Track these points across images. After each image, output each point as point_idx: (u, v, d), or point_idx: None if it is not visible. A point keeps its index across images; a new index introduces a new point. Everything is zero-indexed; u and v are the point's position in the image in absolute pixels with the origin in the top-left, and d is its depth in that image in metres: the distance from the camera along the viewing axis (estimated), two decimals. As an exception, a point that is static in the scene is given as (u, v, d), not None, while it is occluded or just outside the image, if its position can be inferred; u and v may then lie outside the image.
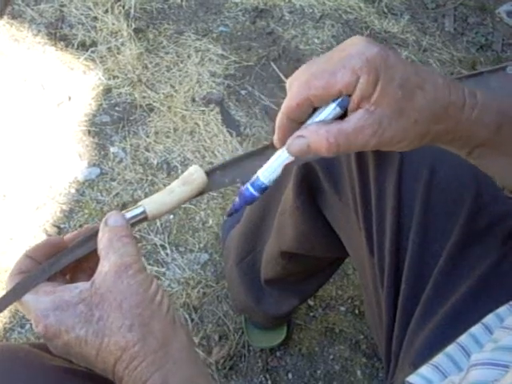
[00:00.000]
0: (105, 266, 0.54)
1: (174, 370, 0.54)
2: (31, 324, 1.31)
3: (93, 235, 0.58)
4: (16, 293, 0.55)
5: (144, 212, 0.59)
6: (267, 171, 0.57)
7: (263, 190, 0.58)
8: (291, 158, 0.56)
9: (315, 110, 0.54)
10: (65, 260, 0.58)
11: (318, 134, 0.52)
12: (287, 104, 0.53)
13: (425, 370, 0.60)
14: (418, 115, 0.52)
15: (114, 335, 0.52)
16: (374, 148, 0.53)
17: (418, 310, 0.73)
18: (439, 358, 0.61)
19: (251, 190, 0.58)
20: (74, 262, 0.59)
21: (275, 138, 0.56)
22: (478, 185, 0.75)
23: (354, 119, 0.52)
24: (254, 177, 0.58)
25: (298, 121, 0.54)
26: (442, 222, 0.75)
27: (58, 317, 0.53)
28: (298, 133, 0.54)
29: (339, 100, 0.52)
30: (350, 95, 0.52)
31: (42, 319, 0.53)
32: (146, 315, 0.54)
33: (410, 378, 0.60)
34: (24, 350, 0.61)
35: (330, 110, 0.53)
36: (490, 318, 0.64)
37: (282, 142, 0.56)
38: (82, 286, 0.54)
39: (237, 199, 0.59)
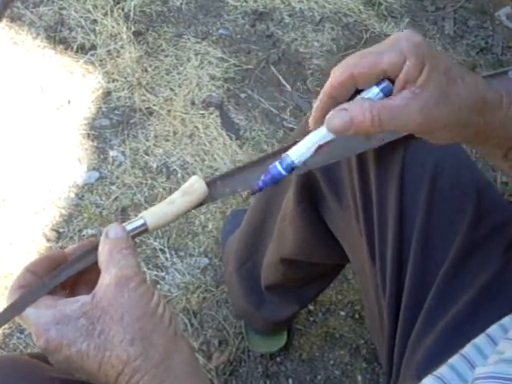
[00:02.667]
0: (105, 279, 0.54)
1: None
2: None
3: (93, 248, 0.58)
4: (17, 307, 0.55)
5: (144, 224, 0.59)
6: (299, 150, 0.55)
7: (292, 169, 0.56)
8: (327, 139, 0.54)
9: (357, 94, 0.54)
10: (65, 273, 0.58)
11: (362, 107, 0.51)
12: (331, 81, 0.53)
13: (428, 381, 0.60)
14: (461, 101, 0.52)
15: (115, 349, 0.52)
16: (417, 129, 0.53)
17: (419, 320, 0.73)
18: (443, 370, 0.61)
19: (279, 168, 0.56)
20: (74, 275, 0.58)
21: (311, 118, 0.56)
22: (479, 193, 0.75)
23: (399, 96, 0.51)
24: (283, 155, 0.56)
25: (338, 100, 0.54)
26: (444, 230, 0.75)
27: (60, 331, 0.53)
28: (339, 107, 0.53)
29: (383, 85, 0.52)
30: (393, 82, 0.52)
31: (43, 333, 0.53)
32: (148, 329, 0.53)
33: None
34: (22, 361, 0.61)
35: (373, 94, 0.53)
36: (493, 329, 0.63)
37: (319, 123, 0.55)
38: (83, 299, 0.54)
39: (262, 177, 0.57)
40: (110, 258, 0.55)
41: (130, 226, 0.58)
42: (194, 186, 0.61)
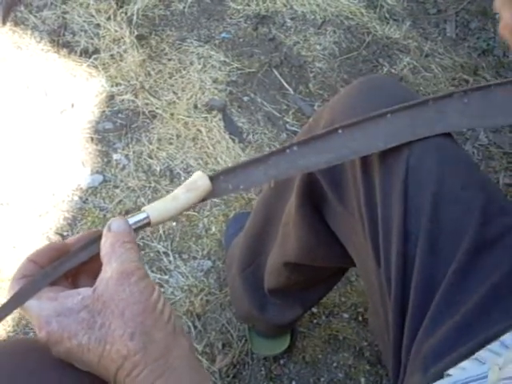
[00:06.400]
0: (107, 273, 0.55)
1: (175, 379, 0.54)
2: (34, 333, 1.31)
3: (96, 239, 0.58)
4: (19, 298, 0.56)
5: (147, 217, 0.59)
6: None
7: None
8: None
9: None
10: (68, 264, 0.58)
11: None
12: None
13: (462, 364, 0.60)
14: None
15: (115, 343, 0.53)
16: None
17: (427, 319, 0.71)
18: (467, 363, 0.60)
19: None
20: (76, 266, 0.59)
21: None
22: (487, 195, 0.74)
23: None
24: None
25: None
26: (451, 232, 0.73)
27: (61, 323, 0.53)
28: None
29: None
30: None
31: (45, 326, 0.54)
32: (148, 324, 0.54)
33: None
34: (35, 344, 0.61)
35: None
36: (507, 336, 0.63)
37: None
38: (84, 292, 0.54)
39: None
40: (111, 252, 0.55)
41: (132, 220, 0.59)
42: (198, 182, 0.62)
